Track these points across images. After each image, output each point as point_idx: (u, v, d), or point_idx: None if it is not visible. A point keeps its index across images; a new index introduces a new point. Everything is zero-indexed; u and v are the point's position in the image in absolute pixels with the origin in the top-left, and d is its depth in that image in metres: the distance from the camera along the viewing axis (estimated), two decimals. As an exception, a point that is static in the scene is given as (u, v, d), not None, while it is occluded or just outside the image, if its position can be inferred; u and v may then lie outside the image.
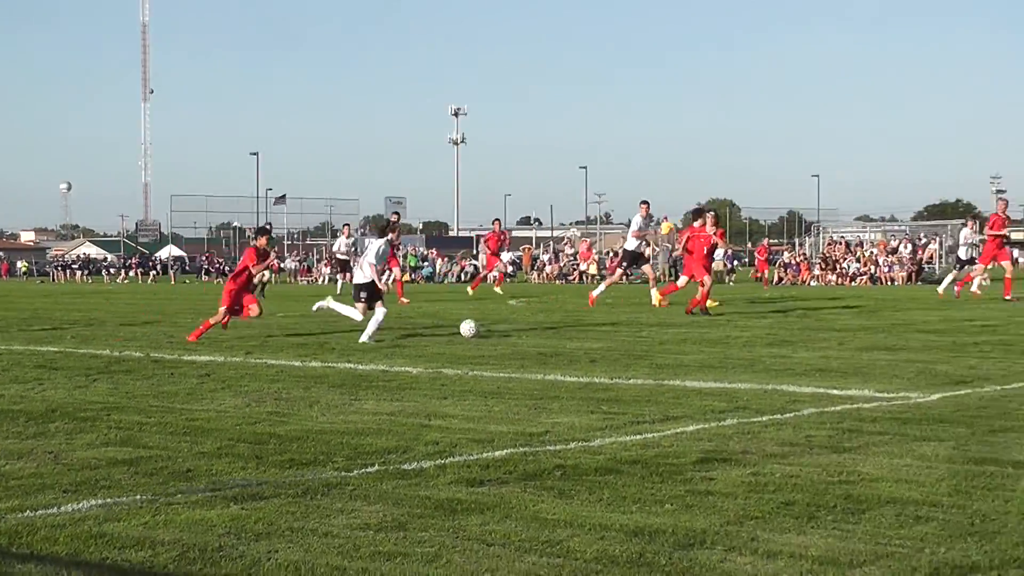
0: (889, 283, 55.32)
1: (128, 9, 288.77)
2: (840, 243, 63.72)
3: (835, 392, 11.82)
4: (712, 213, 26.97)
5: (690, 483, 7.44)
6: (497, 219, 42.54)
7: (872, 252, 60.87)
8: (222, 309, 20.05)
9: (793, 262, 63.15)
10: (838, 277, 57.66)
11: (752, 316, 24.97)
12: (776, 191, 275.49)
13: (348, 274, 43.13)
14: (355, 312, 20.40)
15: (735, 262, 72.89)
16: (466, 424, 10.00)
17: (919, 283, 54.75)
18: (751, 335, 19.62)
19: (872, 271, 57.57)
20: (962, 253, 34.77)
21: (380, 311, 19.52)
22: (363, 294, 20.16)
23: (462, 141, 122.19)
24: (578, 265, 67.25)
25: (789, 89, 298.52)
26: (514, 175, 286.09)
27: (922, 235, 65.32)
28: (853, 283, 56.20)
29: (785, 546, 5.92)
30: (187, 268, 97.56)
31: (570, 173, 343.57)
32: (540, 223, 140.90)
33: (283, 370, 14.62)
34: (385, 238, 21.03)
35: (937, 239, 62.64)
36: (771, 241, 72.44)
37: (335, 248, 46.12)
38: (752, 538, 6.08)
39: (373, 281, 20.11)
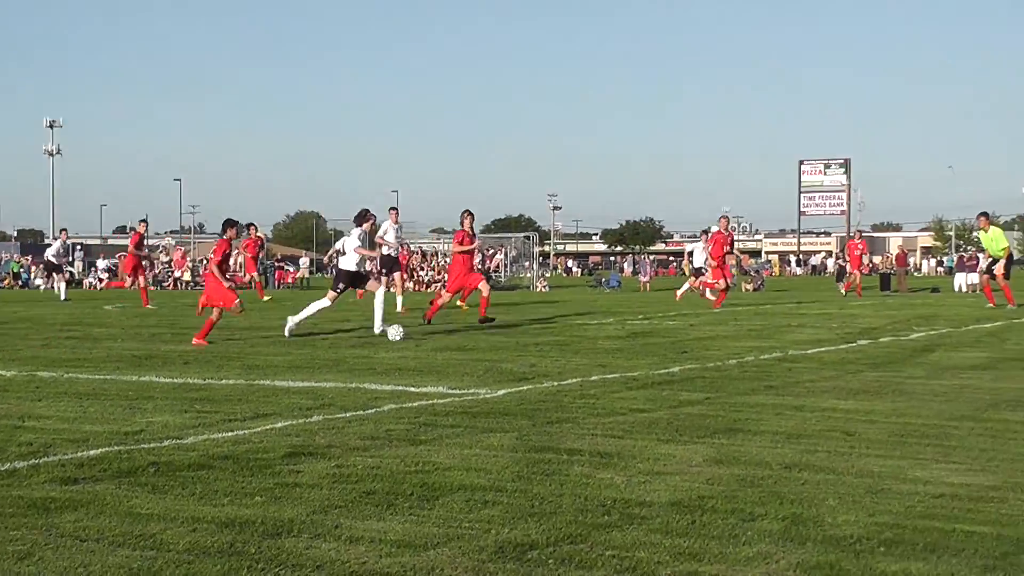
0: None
1: None
2: (417, 252, 64.81)
3: (412, 389, 11.99)
4: (468, 213, 23.99)
5: (279, 476, 7.39)
6: None
7: (446, 262, 62.23)
8: (217, 308, 18.85)
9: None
10: (415, 284, 58.62)
11: (335, 320, 25.03)
12: (360, 203, 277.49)
13: (59, 275, 40.69)
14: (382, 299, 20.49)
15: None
16: (61, 425, 9.58)
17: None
18: (336, 337, 19.67)
19: (445, 279, 58.84)
20: (698, 261, 37.54)
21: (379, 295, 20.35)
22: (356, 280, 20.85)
23: (57, 152, 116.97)
24: (173, 272, 65.84)
25: (373, 107, 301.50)
26: (111, 186, 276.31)
27: (489, 246, 67.30)
28: (429, 290, 57.29)
29: (367, 532, 5.96)
30: None
31: (166, 185, 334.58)
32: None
33: None
34: (360, 228, 20.88)
35: (503, 249, 64.73)
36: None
37: (49, 253, 42.51)
38: (336, 525, 6.09)
39: (359, 270, 20.52)
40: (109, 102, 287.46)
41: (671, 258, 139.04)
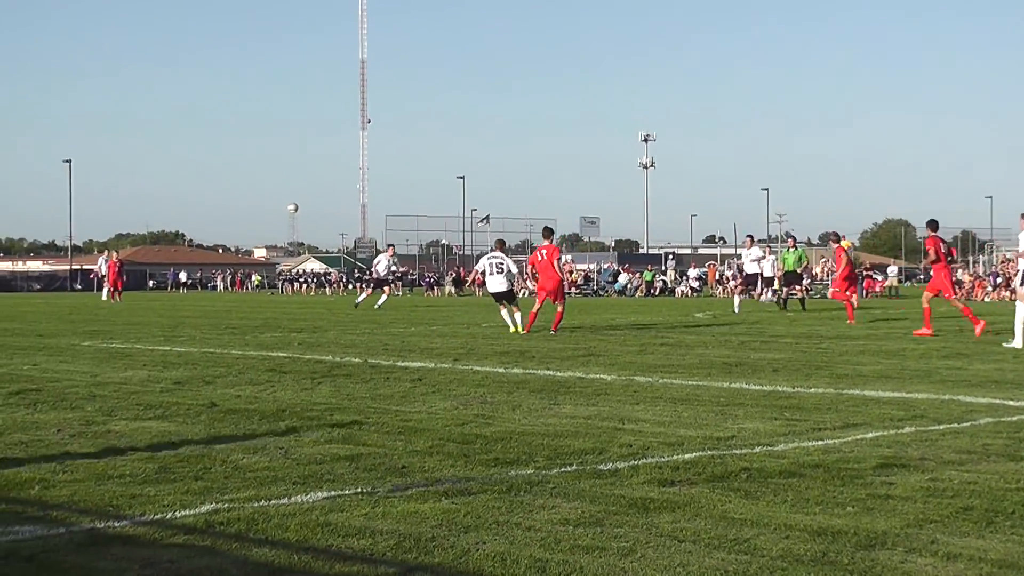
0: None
1: (349, 47, 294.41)
2: (1013, 261, 61.63)
3: (1011, 403, 11.42)
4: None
5: (870, 487, 7.27)
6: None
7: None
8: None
9: (967, 279, 61.29)
10: (1011, 294, 55.77)
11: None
12: (950, 211, 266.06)
13: (386, 289, 42.86)
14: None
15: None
16: (657, 428, 9.93)
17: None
18: (927, 347, 19.11)
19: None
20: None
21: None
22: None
23: (651, 165, 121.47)
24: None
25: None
26: (699, 195, 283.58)
27: None
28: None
29: (965, 549, 5.73)
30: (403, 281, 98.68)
31: (752, 194, 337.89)
32: (724, 241, 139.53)
33: (488, 376, 14.73)
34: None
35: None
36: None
37: (379, 268, 43.70)
38: (932, 541, 5.91)
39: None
40: (695, 114, 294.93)
41: None
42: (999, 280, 57.09)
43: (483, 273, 25.60)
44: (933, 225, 24.02)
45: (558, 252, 25.34)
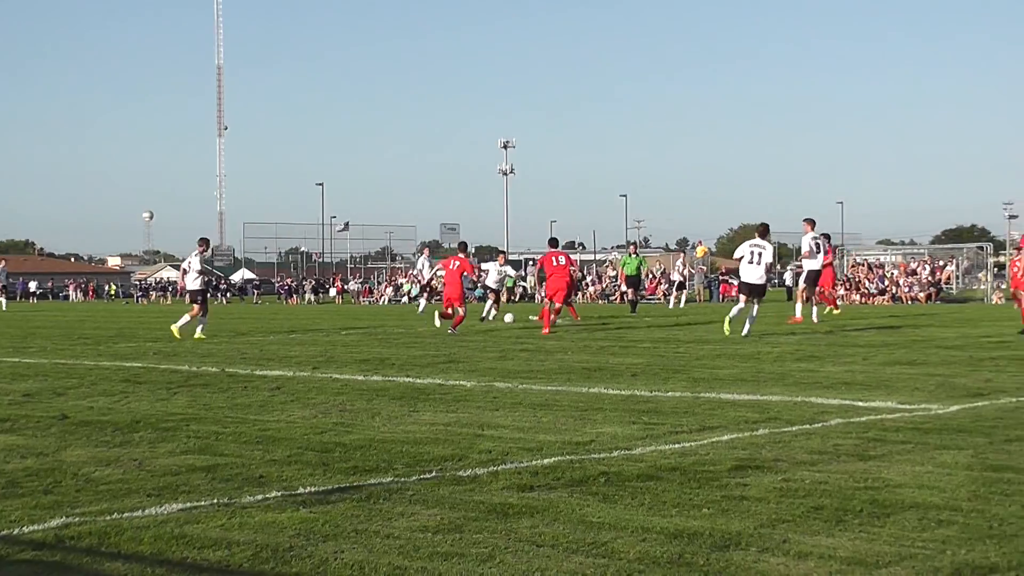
0: (910, 302, 54.84)
1: (204, 52, 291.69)
2: (863, 265, 63.29)
3: (860, 404, 11.72)
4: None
5: (725, 489, 7.40)
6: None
7: (893, 273, 60.46)
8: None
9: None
10: (861, 297, 57.27)
11: (782, 333, 24.83)
12: (804, 215, 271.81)
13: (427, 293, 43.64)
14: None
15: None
16: (517, 434, 9.98)
17: (938, 302, 54.31)
18: (781, 351, 19.50)
19: (893, 291, 57.11)
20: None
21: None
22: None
23: (511, 171, 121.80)
24: (620, 286, 67.08)
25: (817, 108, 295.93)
26: (559, 202, 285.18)
27: (939, 258, 64.83)
28: (875, 302, 55.77)
29: (815, 547, 5.87)
30: (260, 290, 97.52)
31: (611, 200, 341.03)
32: (584, 247, 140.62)
33: (347, 384, 14.65)
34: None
35: (954, 261, 62.22)
36: (795, 263, 71.61)
37: (423, 271, 44.00)
38: (784, 540, 6.03)
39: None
40: (555, 121, 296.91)
41: None
42: (884, 283, 58.54)
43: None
44: (553, 243, 29.33)
45: (470, 268, 28.89)
